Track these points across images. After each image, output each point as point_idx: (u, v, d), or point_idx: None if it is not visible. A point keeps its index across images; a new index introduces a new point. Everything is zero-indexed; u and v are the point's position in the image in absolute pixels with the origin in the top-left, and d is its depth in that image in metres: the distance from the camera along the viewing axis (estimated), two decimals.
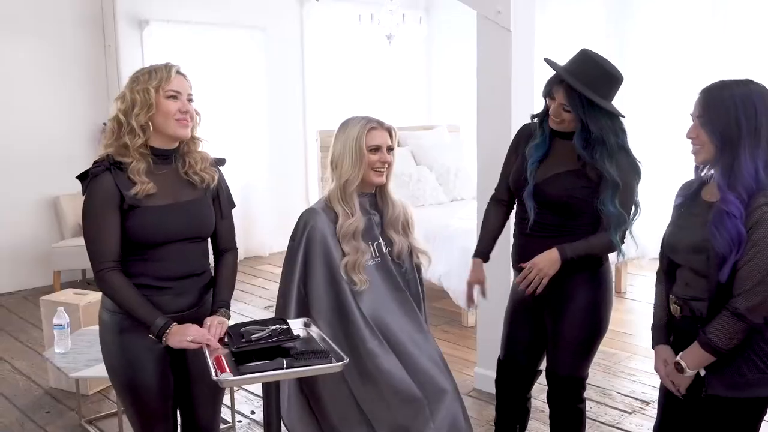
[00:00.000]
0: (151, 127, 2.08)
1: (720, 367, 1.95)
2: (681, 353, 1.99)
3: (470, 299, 2.70)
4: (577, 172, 2.34)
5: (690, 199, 2.06)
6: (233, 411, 3.58)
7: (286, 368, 1.83)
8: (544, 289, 2.34)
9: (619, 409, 3.61)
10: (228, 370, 1.82)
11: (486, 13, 3.43)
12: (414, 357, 2.28)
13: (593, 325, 2.44)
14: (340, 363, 1.85)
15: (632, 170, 2.33)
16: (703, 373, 1.96)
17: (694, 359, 1.95)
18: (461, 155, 6.58)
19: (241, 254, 7.08)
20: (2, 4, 5.63)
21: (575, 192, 2.33)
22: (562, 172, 2.35)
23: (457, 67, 7.20)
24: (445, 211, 5.79)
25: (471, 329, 4.81)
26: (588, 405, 3.62)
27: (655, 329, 2.14)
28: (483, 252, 2.63)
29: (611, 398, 3.75)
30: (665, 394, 2.16)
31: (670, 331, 2.10)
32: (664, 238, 2.10)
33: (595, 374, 4.02)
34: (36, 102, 5.86)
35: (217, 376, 1.79)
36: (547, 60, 2.41)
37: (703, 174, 2.03)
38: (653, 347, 2.15)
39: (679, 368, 1.99)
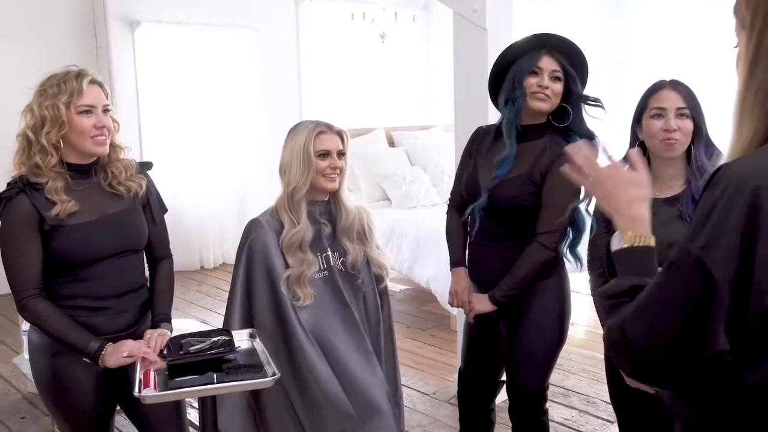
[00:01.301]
0: (62, 144, 1.95)
1: None
2: None
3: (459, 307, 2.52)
4: (523, 177, 2.26)
5: None
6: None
7: (216, 383, 1.77)
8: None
9: (602, 419, 3.51)
10: (153, 385, 1.75)
11: (461, 11, 3.35)
12: (352, 374, 2.20)
13: (551, 337, 2.36)
14: (271, 378, 1.78)
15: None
16: None
17: None
18: (456, 155, 6.49)
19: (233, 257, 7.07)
20: None
21: (522, 198, 2.25)
22: (509, 178, 2.27)
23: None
24: (437, 213, 5.66)
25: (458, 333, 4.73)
26: (570, 413, 3.56)
27: None
28: (461, 260, 2.49)
29: (594, 406, 3.65)
30: (624, 402, 2.21)
31: None
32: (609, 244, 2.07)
33: (580, 381, 3.92)
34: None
35: (139, 392, 1.73)
36: (508, 47, 2.33)
37: None
38: None
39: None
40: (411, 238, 5.24)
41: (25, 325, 3.30)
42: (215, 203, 6.70)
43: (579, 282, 4.22)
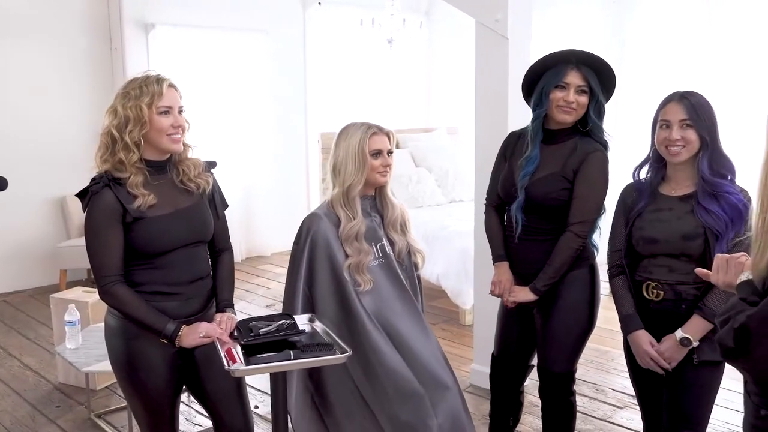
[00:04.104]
0: (143, 142, 2.12)
1: (706, 335, 2.21)
2: (682, 328, 2.21)
3: (499, 296, 2.67)
4: (557, 174, 2.46)
5: (649, 197, 2.32)
6: None
7: (294, 359, 1.95)
8: None
9: (611, 404, 3.73)
10: (239, 360, 1.93)
11: (484, 21, 3.55)
12: (417, 354, 2.37)
13: (581, 322, 2.56)
14: (344, 355, 1.96)
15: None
16: (696, 343, 2.21)
17: (697, 331, 2.20)
18: (460, 157, 6.70)
19: (244, 254, 7.24)
20: (9, 7, 5.75)
21: (557, 194, 2.46)
22: (544, 176, 2.48)
23: (456, 70, 7.33)
24: (443, 213, 5.91)
25: (468, 327, 4.93)
26: (581, 400, 3.76)
27: (629, 318, 2.34)
28: (502, 255, 2.64)
29: (604, 394, 3.87)
30: (643, 381, 2.43)
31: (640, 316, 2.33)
32: (630, 235, 2.33)
33: (588, 371, 4.14)
34: (43, 104, 5.97)
35: (229, 366, 1.91)
36: (549, 56, 2.49)
37: (642, 177, 2.38)
38: (628, 334, 2.36)
39: (687, 342, 2.21)
40: (419, 236, 5.37)
41: (69, 316, 3.47)
42: None
43: None
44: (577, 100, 2.42)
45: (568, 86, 2.42)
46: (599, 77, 2.44)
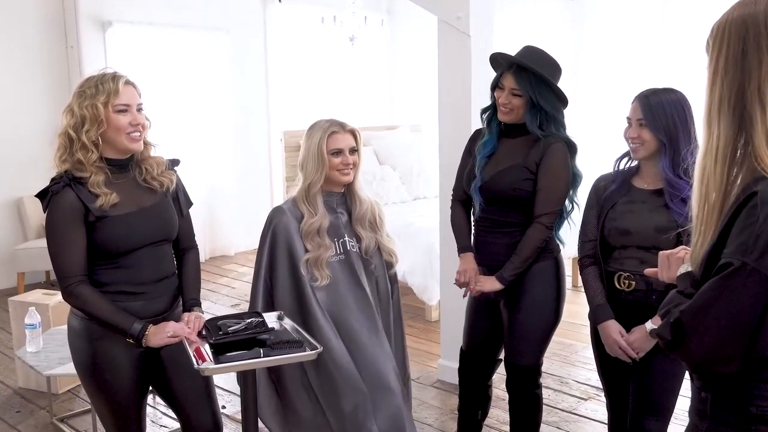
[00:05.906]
0: (101, 141, 2.09)
1: None
2: (652, 320, 2.18)
3: (464, 285, 2.68)
4: (519, 166, 2.50)
5: (622, 189, 2.34)
6: None
7: (264, 357, 1.95)
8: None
9: (576, 396, 3.80)
10: (209, 359, 1.92)
11: (446, 18, 3.57)
12: (365, 352, 2.39)
13: (548, 317, 2.60)
14: (314, 351, 1.97)
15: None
16: None
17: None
18: (423, 155, 6.74)
19: (207, 254, 7.16)
20: None
21: (520, 185, 2.49)
22: (506, 168, 2.51)
23: (419, 68, 7.36)
24: (408, 210, 5.94)
25: (434, 323, 4.96)
26: (546, 393, 3.81)
27: (600, 308, 2.36)
28: (468, 246, 2.69)
29: (568, 386, 3.93)
30: (610, 372, 2.45)
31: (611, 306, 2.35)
32: (603, 225, 2.35)
33: (552, 364, 4.20)
34: None
35: (198, 365, 1.89)
36: (494, 55, 2.55)
37: (623, 167, 2.37)
38: (598, 324, 2.37)
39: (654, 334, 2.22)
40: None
41: (30, 319, 3.40)
42: None
43: None
44: (511, 102, 2.49)
45: (504, 87, 2.49)
46: (546, 80, 2.45)
